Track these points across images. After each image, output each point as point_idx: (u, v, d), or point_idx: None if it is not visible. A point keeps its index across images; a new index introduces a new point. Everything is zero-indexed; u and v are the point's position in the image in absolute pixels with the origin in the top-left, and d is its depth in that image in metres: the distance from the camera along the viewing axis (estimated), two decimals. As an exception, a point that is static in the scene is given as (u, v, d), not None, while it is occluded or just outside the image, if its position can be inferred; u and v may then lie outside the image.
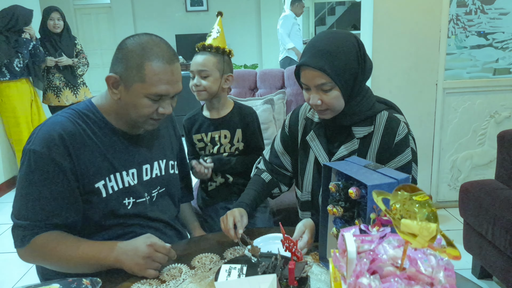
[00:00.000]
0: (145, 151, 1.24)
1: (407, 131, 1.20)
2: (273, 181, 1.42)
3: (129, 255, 1.04)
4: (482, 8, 2.64)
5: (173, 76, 1.10)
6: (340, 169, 1.04)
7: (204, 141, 1.68)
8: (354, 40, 1.16)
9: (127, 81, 1.08)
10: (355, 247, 0.56)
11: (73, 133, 1.08)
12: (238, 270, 1.02)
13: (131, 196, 1.18)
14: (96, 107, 1.17)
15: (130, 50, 1.08)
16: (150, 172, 1.25)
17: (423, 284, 0.54)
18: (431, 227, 0.50)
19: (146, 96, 1.09)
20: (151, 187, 1.26)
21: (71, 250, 1.07)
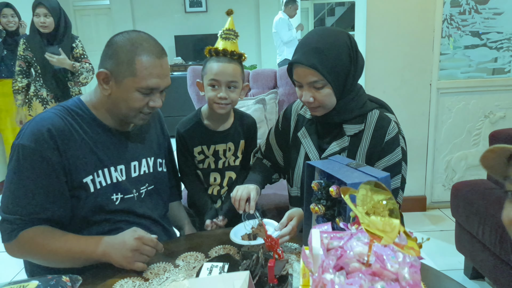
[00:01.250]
0: (133, 148, 1.25)
1: (398, 130, 1.20)
2: (272, 167, 1.48)
3: (117, 248, 1.05)
4: (476, 8, 2.64)
5: (162, 69, 1.13)
6: (322, 168, 1.04)
7: (204, 154, 1.55)
8: (346, 37, 1.17)
9: (118, 76, 1.10)
10: (319, 243, 0.56)
11: (62, 128, 1.09)
12: (219, 268, 1.02)
13: (119, 192, 1.19)
14: (84, 104, 1.18)
15: (120, 46, 1.10)
16: (139, 169, 1.26)
17: (388, 280, 0.54)
18: (393, 223, 0.50)
19: (138, 89, 1.11)
20: (139, 184, 1.26)
21: (58, 244, 1.07)
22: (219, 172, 1.58)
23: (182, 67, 7.68)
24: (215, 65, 1.39)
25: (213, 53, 1.41)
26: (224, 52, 1.40)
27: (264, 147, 1.49)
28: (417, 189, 2.90)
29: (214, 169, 1.57)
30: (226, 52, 1.40)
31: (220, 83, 1.40)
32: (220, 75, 1.39)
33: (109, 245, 1.06)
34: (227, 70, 1.39)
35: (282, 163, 1.44)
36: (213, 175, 1.58)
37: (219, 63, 1.39)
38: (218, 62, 1.39)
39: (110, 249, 1.05)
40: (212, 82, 1.40)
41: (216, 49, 1.40)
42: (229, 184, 1.59)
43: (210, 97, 1.41)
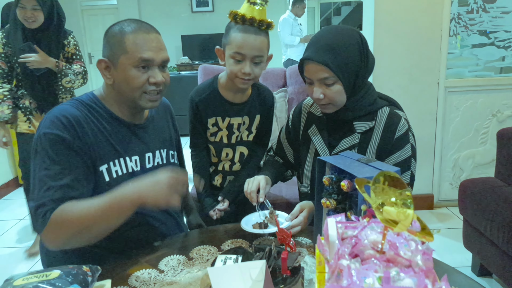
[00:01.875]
0: (147, 139, 1.28)
1: (408, 127, 1.22)
2: (284, 164, 1.49)
3: (152, 187, 0.99)
4: (483, 6, 2.64)
5: (153, 43, 1.14)
6: (333, 163, 1.06)
7: (218, 126, 1.48)
8: (357, 35, 1.19)
9: (113, 59, 1.14)
10: (336, 231, 0.58)
11: (78, 118, 1.11)
12: (233, 260, 1.04)
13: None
14: (98, 97, 1.21)
15: (111, 32, 1.16)
16: (153, 160, 1.28)
17: (401, 266, 0.56)
18: (407, 212, 0.53)
19: (133, 66, 1.12)
20: None
21: (89, 206, 1.02)
22: (231, 147, 1.53)
23: (189, 67, 7.72)
24: (240, 36, 1.28)
25: (239, 20, 1.28)
26: (251, 21, 1.27)
27: (276, 146, 1.51)
28: (424, 188, 2.91)
29: (226, 143, 1.51)
30: (253, 21, 1.27)
31: (245, 57, 1.30)
32: (246, 49, 1.28)
33: (142, 187, 1.00)
34: (254, 44, 1.28)
35: (293, 160, 1.46)
36: (225, 151, 1.53)
37: (246, 34, 1.27)
38: (245, 32, 1.27)
39: (146, 189, 0.99)
40: (236, 56, 1.30)
41: (243, 16, 1.27)
42: (241, 160, 1.56)
43: (233, 70, 1.32)
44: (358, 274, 0.52)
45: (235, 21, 1.30)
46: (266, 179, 1.31)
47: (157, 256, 1.17)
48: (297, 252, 1.03)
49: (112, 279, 1.04)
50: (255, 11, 1.28)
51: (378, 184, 0.57)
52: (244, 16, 1.27)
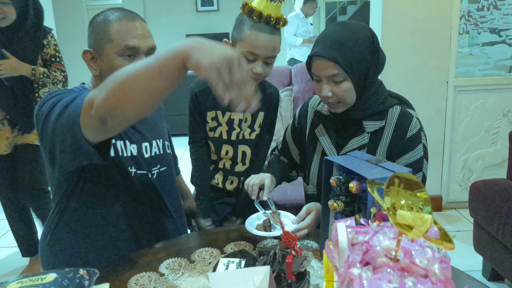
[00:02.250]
0: (143, 130, 1.27)
1: (420, 127, 1.18)
2: (289, 164, 1.45)
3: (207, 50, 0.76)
4: (495, 3, 2.58)
5: (138, 30, 1.12)
6: (341, 163, 1.02)
7: (218, 121, 1.41)
8: (367, 31, 1.14)
9: (98, 49, 1.12)
10: (346, 237, 0.54)
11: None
12: (236, 264, 1.01)
13: (133, 166, 1.21)
14: (87, 89, 1.19)
15: (95, 22, 1.14)
16: (150, 150, 1.27)
17: (417, 275, 0.52)
18: (425, 217, 0.48)
19: (119, 54, 1.09)
20: (151, 165, 1.27)
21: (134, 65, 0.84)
22: (231, 144, 1.45)
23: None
24: (256, 35, 1.20)
25: (255, 17, 1.19)
26: (268, 19, 1.19)
27: (281, 145, 1.46)
28: (433, 189, 2.86)
29: (226, 140, 1.43)
30: (271, 19, 1.19)
31: (258, 57, 1.23)
32: (261, 49, 1.21)
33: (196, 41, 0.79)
34: (269, 44, 1.22)
35: (298, 161, 1.42)
36: (225, 148, 1.45)
37: (262, 33, 1.19)
38: (261, 31, 1.19)
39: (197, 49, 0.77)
40: (249, 55, 1.22)
41: (260, 13, 1.19)
42: (243, 160, 1.48)
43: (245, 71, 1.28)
44: (370, 284, 0.48)
45: (249, 16, 1.21)
46: (271, 178, 1.26)
47: (158, 259, 1.13)
48: (303, 256, 0.98)
49: (111, 282, 1.00)
50: (272, 7, 1.20)
51: (392, 186, 0.53)
52: (261, 13, 1.19)
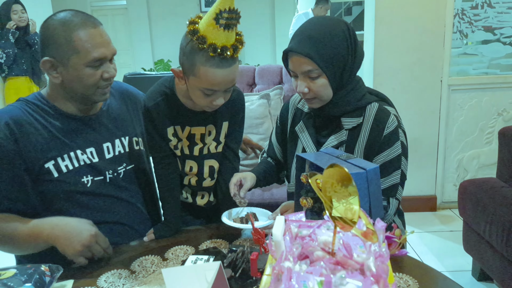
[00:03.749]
0: (103, 130, 1.25)
1: (397, 124, 1.16)
2: (278, 166, 1.42)
3: (69, 237, 1.02)
4: (489, 1, 2.55)
5: (102, 38, 1.12)
6: (311, 160, 1.01)
7: (178, 136, 1.25)
8: (344, 27, 1.13)
9: (62, 59, 1.10)
10: (281, 230, 0.53)
11: (20, 118, 1.11)
12: (204, 261, 1.01)
13: (89, 174, 1.19)
14: (44, 96, 1.19)
15: (53, 29, 1.09)
16: (113, 150, 1.26)
17: (352, 270, 0.51)
18: (353, 209, 0.48)
19: (87, 65, 1.10)
20: (116, 164, 1.25)
21: (14, 226, 1.07)
22: (195, 160, 1.29)
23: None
24: (212, 72, 1.04)
25: (210, 51, 1.01)
26: (223, 52, 1.02)
27: (268, 146, 1.46)
28: (427, 189, 2.83)
29: (188, 155, 1.28)
30: (226, 51, 1.02)
31: (218, 91, 1.10)
32: (220, 85, 1.08)
33: (60, 230, 1.04)
34: (229, 78, 1.07)
35: (282, 159, 1.41)
36: (188, 164, 1.30)
37: (219, 69, 1.04)
38: (218, 67, 1.03)
39: (61, 236, 1.03)
40: (206, 91, 1.09)
41: (214, 46, 1.01)
42: (211, 174, 1.33)
43: (201, 103, 1.13)
44: (298, 278, 0.47)
45: (200, 48, 1.02)
46: (251, 177, 1.24)
47: (131, 257, 1.13)
48: (270, 253, 0.98)
49: (79, 279, 1.01)
50: (228, 36, 1.01)
51: (328, 179, 0.52)
52: (214, 45, 1.01)
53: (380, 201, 0.97)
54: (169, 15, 9.02)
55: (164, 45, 9.17)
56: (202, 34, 1.01)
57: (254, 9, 8.83)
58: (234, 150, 1.33)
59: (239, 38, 1.06)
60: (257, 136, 2.20)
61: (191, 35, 1.03)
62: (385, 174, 1.15)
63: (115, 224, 1.24)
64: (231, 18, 0.99)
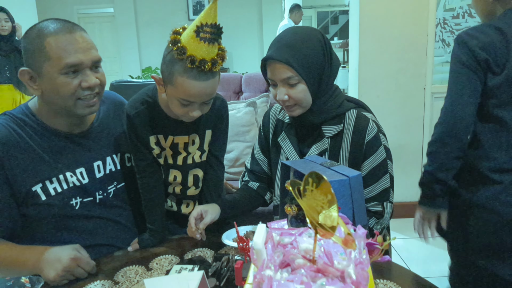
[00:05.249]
0: (94, 147, 1.21)
1: (377, 129, 1.18)
2: (262, 187, 1.37)
3: (50, 263, 1.01)
4: (469, 11, 2.62)
5: (78, 43, 1.04)
6: (295, 167, 1.02)
7: (161, 146, 1.25)
8: (318, 34, 1.16)
9: (37, 68, 1.03)
10: (262, 238, 0.53)
11: (6, 139, 1.06)
12: (188, 270, 1.00)
13: (78, 196, 1.15)
14: (32, 110, 1.13)
15: (28, 38, 1.04)
16: (104, 168, 1.22)
17: (333, 277, 0.51)
18: (332, 216, 0.48)
19: (60, 73, 1.02)
20: (106, 184, 1.22)
21: None
22: (179, 169, 1.29)
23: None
24: (189, 83, 1.04)
25: (188, 62, 1.01)
26: (201, 65, 1.01)
27: (250, 162, 1.41)
28: (412, 195, 2.85)
29: (172, 165, 1.28)
30: (205, 64, 1.02)
31: (194, 103, 1.10)
32: (196, 97, 1.08)
33: (43, 259, 1.02)
34: (206, 91, 1.07)
35: (269, 172, 1.37)
36: (172, 173, 1.30)
37: (196, 81, 1.04)
38: (194, 79, 1.03)
39: (43, 263, 1.02)
40: (183, 102, 1.09)
41: (192, 58, 1.01)
42: (196, 183, 1.33)
43: (178, 112, 1.13)
44: (279, 286, 0.47)
45: (179, 58, 1.02)
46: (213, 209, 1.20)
47: (115, 267, 1.11)
48: (255, 262, 0.98)
49: (62, 290, 1.00)
50: (208, 50, 1.01)
51: (308, 186, 0.52)
52: (193, 57, 1.00)
53: (363, 207, 0.98)
54: (157, 23, 9.01)
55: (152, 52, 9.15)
56: (183, 45, 1.01)
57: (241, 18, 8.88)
58: (219, 158, 1.33)
59: (221, 53, 1.06)
60: (243, 143, 2.21)
61: (172, 44, 1.03)
62: (375, 180, 1.17)
63: (103, 246, 1.21)
64: (212, 32, 1.00)
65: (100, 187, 1.20)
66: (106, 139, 1.24)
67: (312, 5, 10.28)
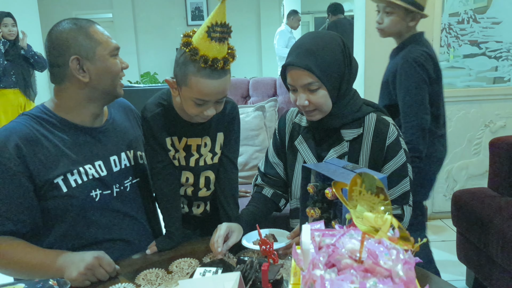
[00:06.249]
0: (110, 142, 1.25)
1: (397, 133, 1.19)
2: (276, 194, 1.36)
3: (74, 262, 1.04)
4: (474, 17, 2.64)
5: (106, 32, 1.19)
6: (318, 170, 1.02)
7: (175, 147, 1.28)
8: (338, 39, 1.16)
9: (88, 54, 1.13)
10: (309, 238, 0.54)
11: (26, 135, 1.09)
12: (212, 273, 1.00)
13: (97, 188, 1.18)
14: (49, 109, 1.18)
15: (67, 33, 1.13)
16: (119, 163, 1.25)
17: (381, 276, 0.52)
18: (385, 217, 0.49)
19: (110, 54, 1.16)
20: (123, 178, 1.25)
21: (18, 255, 1.07)
22: (191, 170, 1.32)
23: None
24: (202, 82, 1.08)
25: (198, 59, 1.06)
26: (215, 62, 1.06)
27: (264, 166, 1.39)
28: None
29: (185, 166, 1.31)
30: (217, 63, 1.06)
31: (209, 102, 1.14)
32: (210, 96, 1.11)
33: (67, 260, 1.05)
34: (219, 89, 1.11)
35: (284, 176, 1.36)
36: (185, 174, 1.32)
37: (209, 80, 1.08)
38: (208, 78, 1.07)
39: (67, 263, 1.04)
40: (198, 101, 1.13)
41: (205, 57, 1.05)
42: (207, 185, 1.35)
43: (193, 112, 1.16)
44: (332, 285, 0.48)
45: (192, 59, 1.06)
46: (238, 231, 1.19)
47: (135, 270, 1.12)
48: (279, 264, 0.98)
49: (84, 293, 1.00)
50: (219, 49, 1.06)
51: (355, 187, 0.53)
52: (206, 57, 1.05)
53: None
54: (155, 28, 9.03)
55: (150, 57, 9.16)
56: (195, 46, 1.06)
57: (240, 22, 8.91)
58: (232, 160, 1.35)
59: (231, 52, 1.11)
60: (252, 147, 2.21)
61: (185, 46, 1.08)
62: (395, 183, 1.17)
63: (118, 241, 1.22)
64: (222, 31, 1.06)
65: (118, 180, 1.23)
66: (119, 136, 1.29)
67: (309, 11, 10.34)
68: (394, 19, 1.76)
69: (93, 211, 1.16)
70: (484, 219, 1.74)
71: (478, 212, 1.80)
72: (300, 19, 5.87)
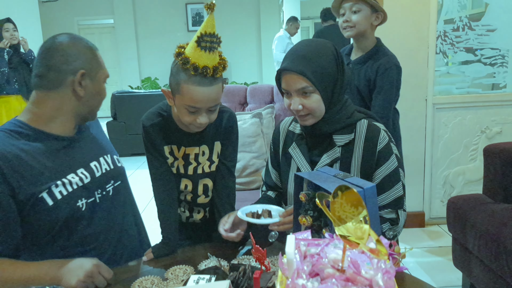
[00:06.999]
0: (88, 148, 1.26)
1: (388, 139, 1.22)
2: (280, 194, 1.42)
3: (71, 270, 1.04)
4: (469, 24, 2.67)
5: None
6: (309, 178, 1.04)
7: (174, 155, 1.33)
8: (332, 47, 1.21)
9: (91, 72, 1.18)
10: (293, 248, 0.56)
11: (5, 153, 1.06)
12: (206, 280, 1.01)
13: (82, 197, 1.17)
14: (24, 122, 1.15)
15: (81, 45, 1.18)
16: (100, 168, 1.25)
17: (362, 286, 0.54)
18: (363, 227, 0.51)
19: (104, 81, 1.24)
20: (104, 183, 1.25)
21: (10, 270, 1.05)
22: (189, 178, 1.37)
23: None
24: (193, 90, 1.13)
25: (191, 70, 1.12)
26: (205, 71, 1.12)
27: (265, 175, 1.45)
28: (415, 205, 2.88)
29: (184, 174, 1.36)
30: (207, 71, 1.12)
31: (201, 109, 1.18)
32: (201, 103, 1.16)
33: (63, 268, 1.04)
34: (210, 97, 1.16)
35: (279, 183, 1.41)
36: (184, 182, 1.37)
37: (199, 87, 1.13)
38: (198, 85, 1.13)
39: (64, 272, 1.04)
40: (190, 108, 1.17)
41: (195, 65, 1.11)
42: (205, 192, 1.40)
43: (187, 120, 1.20)
44: (313, 294, 0.50)
45: (184, 67, 1.13)
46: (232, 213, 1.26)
47: (130, 277, 1.13)
48: (271, 272, 0.99)
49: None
50: (209, 58, 1.12)
51: (337, 198, 0.55)
52: (196, 65, 1.11)
53: (377, 218, 1.00)
54: (156, 33, 9.09)
55: (151, 63, 9.21)
56: (187, 55, 1.13)
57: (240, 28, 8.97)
58: (230, 168, 1.40)
59: (222, 61, 1.17)
60: (250, 154, 2.24)
61: (177, 57, 1.15)
62: (388, 188, 1.20)
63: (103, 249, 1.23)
64: (211, 41, 1.12)
65: (100, 186, 1.23)
66: (93, 142, 1.30)
67: (309, 16, 10.40)
68: (362, 15, 1.84)
69: (79, 221, 1.16)
70: (478, 225, 1.76)
71: (472, 219, 1.81)
72: (298, 26, 5.93)
